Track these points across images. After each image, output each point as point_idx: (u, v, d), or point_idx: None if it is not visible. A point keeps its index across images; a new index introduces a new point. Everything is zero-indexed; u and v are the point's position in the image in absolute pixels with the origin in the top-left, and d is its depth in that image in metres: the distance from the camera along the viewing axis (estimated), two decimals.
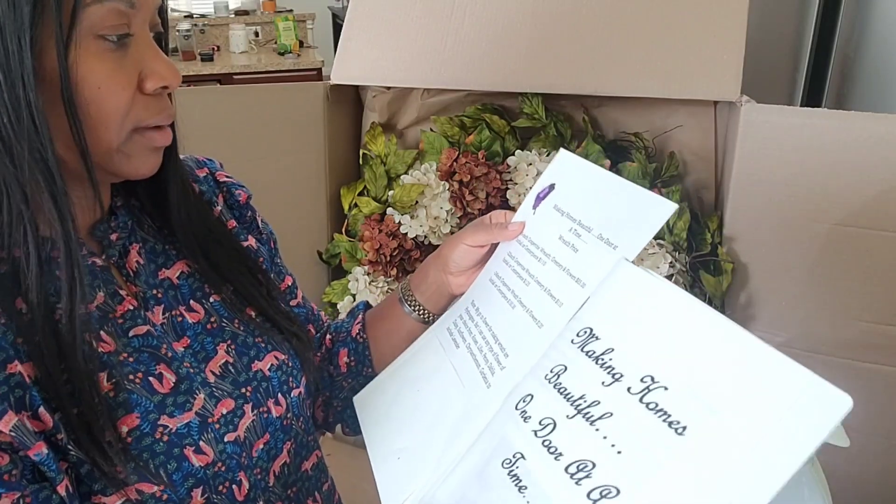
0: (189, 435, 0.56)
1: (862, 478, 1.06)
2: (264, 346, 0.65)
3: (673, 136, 1.17)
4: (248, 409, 0.61)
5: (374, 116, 1.31)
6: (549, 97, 1.20)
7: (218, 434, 0.58)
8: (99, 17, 0.48)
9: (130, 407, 0.54)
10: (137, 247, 0.62)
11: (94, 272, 0.57)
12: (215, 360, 0.62)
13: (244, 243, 0.70)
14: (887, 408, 1.03)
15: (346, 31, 1.28)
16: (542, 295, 0.59)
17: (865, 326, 1.01)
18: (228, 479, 0.58)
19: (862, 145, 0.96)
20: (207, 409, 0.58)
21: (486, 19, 1.19)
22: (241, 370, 0.63)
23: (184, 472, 0.55)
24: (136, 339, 0.57)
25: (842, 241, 1.00)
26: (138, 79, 0.52)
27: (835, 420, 0.38)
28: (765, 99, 1.04)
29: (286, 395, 0.65)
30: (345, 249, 1.30)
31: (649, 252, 1.11)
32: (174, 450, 0.55)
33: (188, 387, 0.58)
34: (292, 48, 4.15)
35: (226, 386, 0.61)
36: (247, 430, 0.60)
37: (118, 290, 0.58)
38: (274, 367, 0.65)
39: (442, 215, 1.23)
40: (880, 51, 1.62)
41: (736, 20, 1.08)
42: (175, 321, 0.61)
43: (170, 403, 0.56)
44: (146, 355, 0.57)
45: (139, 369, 0.56)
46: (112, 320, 0.57)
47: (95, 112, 0.50)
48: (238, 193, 0.72)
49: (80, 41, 0.48)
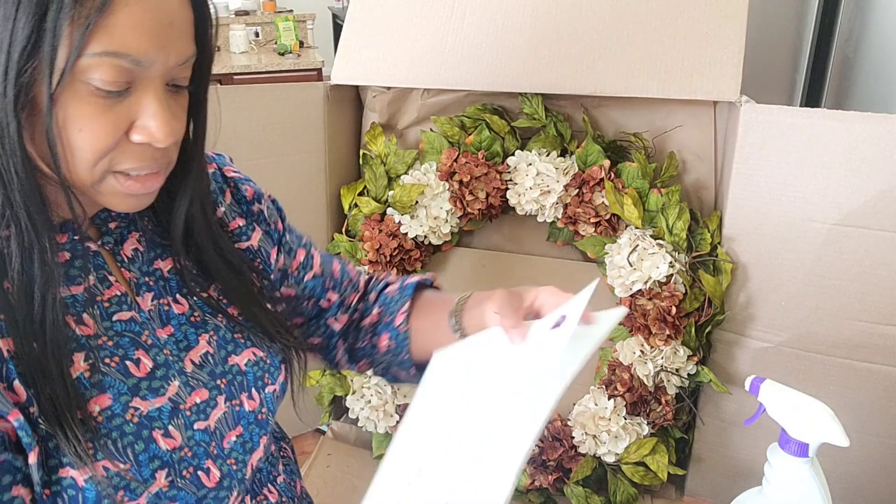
0: (159, 418, 0.58)
1: (862, 478, 1.06)
2: (243, 342, 0.67)
3: (673, 136, 1.17)
4: (220, 401, 0.63)
5: (374, 116, 1.31)
6: (549, 97, 1.20)
7: (188, 420, 0.60)
8: (97, 70, 0.48)
9: (104, 388, 0.56)
10: (137, 235, 0.63)
11: (85, 256, 0.59)
12: (196, 349, 0.63)
13: (245, 243, 0.71)
14: (887, 408, 1.03)
15: (346, 31, 1.28)
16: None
17: (865, 326, 1.01)
18: (194, 465, 0.60)
19: (862, 145, 0.96)
20: (181, 396, 0.60)
21: (486, 19, 1.19)
22: (217, 362, 0.64)
23: (150, 454, 0.56)
24: (118, 324, 0.59)
25: (842, 241, 1.00)
26: (130, 126, 0.52)
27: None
28: (765, 99, 1.04)
29: (260, 390, 0.67)
30: (345, 249, 1.30)
31: (649, 252, 1.11)
32: (143, 431, 0.57)
33: (164, 373, 0.60)
34: (292, 48, 4.15)
35: (202, 376, 0.63)
36: (218, 421, 0.62)
37: (108, 275, 0.60)
38: (251, 363, 0.66)
39: (442, 215, 1.24)
40: (880, 51, 1.62)
41: (736, 20, 1.08)
42: (162, 309, 0.63)
43: (144, 387, 0.58)
44: (127, 340, 0.59)
45: (117, 353, 0.58)
46: (98, 303, 0.58)
47: (70, 150, 0.50)
48: (245, 189, 0.73)
49: (72, 83, 0.48)
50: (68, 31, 0.47)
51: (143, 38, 0.49)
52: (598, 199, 1.17)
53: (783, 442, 0.70)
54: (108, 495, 0.54)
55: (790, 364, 1.07)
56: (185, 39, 0.53)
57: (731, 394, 1.12)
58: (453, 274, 1.33)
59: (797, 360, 1.07)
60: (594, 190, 1.17)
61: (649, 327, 1.11)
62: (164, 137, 0.52)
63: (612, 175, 1.16)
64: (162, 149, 0.54)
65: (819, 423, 0.67)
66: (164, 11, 0.50)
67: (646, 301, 1.12)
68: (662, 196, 1.13)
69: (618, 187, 1.15)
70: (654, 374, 1.13)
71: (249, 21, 4.41)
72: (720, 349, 1.15)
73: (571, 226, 1.21)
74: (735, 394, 1.12)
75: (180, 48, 0.52)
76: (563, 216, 1.21)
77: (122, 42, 0.48)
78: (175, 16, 0.51)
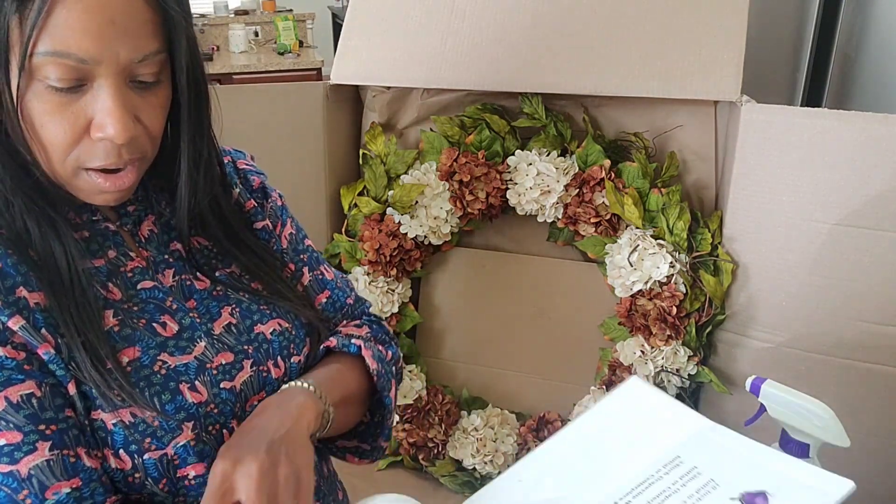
0: (186, 373, 0.60)
1: (862, 478, 1.06)
2: (269, 312, 0.68)
3: (673, 136, 1.17)
4: (247, 365, 0.64)
5: (373, 116, 1.31)
6: (549, 97, 1.20)
7: (214, 379, 0.62)
8: (46, 69, 0.51)
9: (133, 341, 0.59)
10: (153, 218, 0.66)
11: (105, 234, 0.62)
12: (219, 321, 0.65)
13: (261, 223, 0.73)
14: (887, 408, 1.03)
15: (345, 31, 1.28)
16: None
17: (865, 326, 1.01)
18: (220, 423, 0.61)
19: (862, 145, 0.95)
20: (207, 356, 0.62)
21: (486, 19, 1.19)
22: (243, 331, 0.66)
23: (177, 405, 0.59)
24: (143, 292, 0.62)
25: (842, 241, 0.99)
26: (89, 123, 0.54)
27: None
28: (765, 99, 1.04)
29: (286, 359, 0.68)
30: (344, 249, 1.30)
31: (650, 252, 1.11)
32: (170, 383, 0.59)
33: (190, 335, 0.62)
34: (292, 48, 4.14)
35: (228, 340, 0.64)
36: (243, 384, 0.64)
37: (128, 251, 0.63)
38: (276, 333, 0.68)
39: (442, 215, 1.23)
40: (880, 51, 1.62)
41: (736, 20, 1.08)
42: (184, 284, 0.65)
43: (171, 345, 0.61)
44: (152, 306, 0.61)
45: (143, 316, 0.60)
46: (121, 274, 0.61)
47: (41, 146, 0.54)
48: (252, 179, 0.75)
49: (31, 82, 0.51)
50: (17, 33, 0.50)
51: (83, 38, 0.50)
52: (599, 199, 1.17)
53: (784, 442, 0.70)
54: (135, 441, 0.56)
55: (791, 364, 1.07)
56: (139, 37, 0.53)
57: (732, 394, 1.12)
58: (453, 274, 1.33)
59: (798, 361, 1.07)
60: (594, 190, 1.17)
61: (650, 327, 1.11)
62: (119, 134, 0.53)
63: (613, 175, 1.16)
64: (126, 146, 0.55)
65: (819, 423, 0.67)
66: (106, 11, 0.51)
67: (646, 301, 1.12)
68: (663, 196, 1.12)
69: (618, 187, 1.15)
70: (654, 374, 1.12)
71: (249, 20, 4.41)
72: (721, 349, 1.15)
73: (572, 226, 1.21)
74: (735, 394, 1.12)
75: (132, 45, 0.53)
76: (563, 216, 1.21)
77: (63, 42, 0.50)
78: (118, 14, 0.51)
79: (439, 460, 1.30)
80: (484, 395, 1.32)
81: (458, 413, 1.31)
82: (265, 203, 0.75)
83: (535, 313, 1.29)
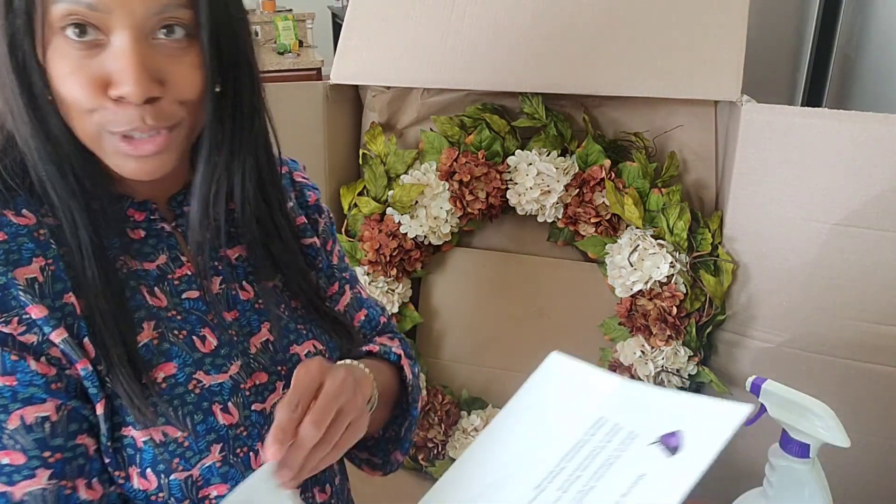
0: (220, 394, 0.60)
1: (862, 478, 1.06)
2: (305, 332, 0.68)
3: (673, 136, 1.16)
4: (279, 387, 0.64)
5: (373, 116, 1.31)
6: (549, 97, 1.20)
7: (247, 400, 0.61)
8: (58, 14, 0.50)
9: (170, 357, 0.58)
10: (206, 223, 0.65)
11: (160, 236, 0.62)
12: (258, 336, 0.65)
13: (309, 240, 0.73)
14: (887, 408, 1.03)
15: (345, 31, 1.28)
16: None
17: (865, 326, 1.01)
18: (248, 445, 0.61)
19: (862, 145, 0.95)
20: (242, 376, 0.62)
21: (486, 19, 1.19)
22: (279, 350, 0.65)
23: (208, 426, 0.58)
24: (187, 301, 0.61)
25: (843, 240, 0.99)
26: (107, 83, 0.52)
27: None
28: (765, 99, 1.04)
29: None
30: (344, 250, 1.30)
31: (650, 252, 1.11)
32: (203, 403, 0.58)
33: (227, 352, 0.61)
34: (292, 48, 4.14)
35: (264, 360, 0.64)
36: (274, 405, 0.62)
37: (180, 255, 0.63)
38: (311, 354, 0.67)
39: (442, 215, 1.23)
40: (880, 51, 1.62)
41: (736, 20, 1.08)
42: (230, 293, 0.65)
43: (207, 363, 0.60)
44: (194, 317, 0.61)
45: (185, 327, 0.60)
46: (169, 280, 0.61)
47: (65, 106, 0.53)
48: (308, 195, 0.75)
49: (53, 38, 0.51)
50: None
51: None
52: (599, 199, 1.17)
53: (784, 443, 0.70)
54: (163, 460, 0.56)
55: (791, 364, 1.07)
56: None
57: (732, 394, 1.12)
58: (453, 274, 1.33)
59: (798, 361, 1.07)
60: (595, 190, 1.17)
61: (650, 327, 1.11)
62: (133, 91, 0.51)
63: (613, 175, 1.16)
64: (151, 111, 0.52)
65: (820, 423, 0.67)
66: None
67: (646, 301, 1.12)
68: (663, 196, 1.12)
69: (618, 187, 1.15)
70: (654, 374, 1.12)
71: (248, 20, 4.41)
72: (721, 349, 1.14)
73: (572, 226, 1.21)
74: (736, 394, 1.12)
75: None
76: (563, 216, 1.20)
77: None
78: None
79: (439, 460, 1.30)
80: (484, 395, 1.32)
81: (458, 413, 1.31)
82: (319, 220, 0.75)
83: (535, 313, 1.29)
